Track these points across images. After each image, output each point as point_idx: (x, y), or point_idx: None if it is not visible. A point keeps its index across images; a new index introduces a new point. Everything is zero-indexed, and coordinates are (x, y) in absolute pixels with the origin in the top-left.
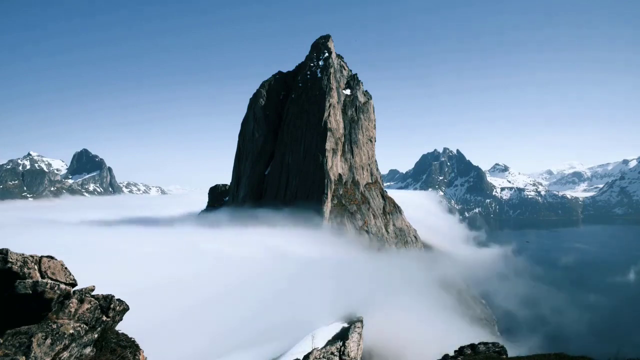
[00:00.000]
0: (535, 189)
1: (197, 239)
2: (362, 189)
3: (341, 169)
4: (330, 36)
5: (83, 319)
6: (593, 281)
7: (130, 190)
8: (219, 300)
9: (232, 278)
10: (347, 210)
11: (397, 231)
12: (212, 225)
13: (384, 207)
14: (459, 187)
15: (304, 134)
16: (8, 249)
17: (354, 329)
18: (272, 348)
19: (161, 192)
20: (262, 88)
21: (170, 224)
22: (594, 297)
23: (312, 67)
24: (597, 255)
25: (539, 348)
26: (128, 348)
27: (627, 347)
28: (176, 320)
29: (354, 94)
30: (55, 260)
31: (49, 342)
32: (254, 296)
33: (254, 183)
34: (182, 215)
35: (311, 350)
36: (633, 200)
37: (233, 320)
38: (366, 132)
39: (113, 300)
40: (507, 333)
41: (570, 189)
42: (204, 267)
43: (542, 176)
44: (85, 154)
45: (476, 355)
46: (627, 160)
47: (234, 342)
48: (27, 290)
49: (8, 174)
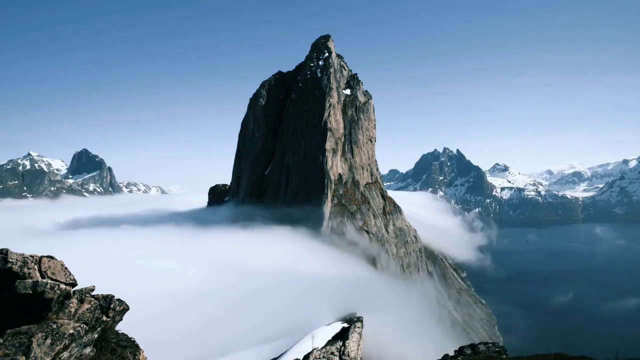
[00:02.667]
0: (535, 189)
1: (196, 240)
2: (362, 189)
3: (341, 169)
4: (330, 36)
5: (83, 319)
6: (593, 281)
7: (130, 190)
8: (219, 300)
9: (231, 279)
10: (347, 210)
11: (397, 231)
12: (212, 226)
13: (384, 207)
14: (459, 187)
15: (304, 134)
16: (8, 249)
17: (354, 329)
18: (272, 348)
19: (161, 192)
20: (262, 88)
21: (170, 225)
22: (594, 297)
23: (312, 67)
24: (597, 255)
25: (539, 348)
26: (128, 348)
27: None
28: (176, 320)
29: (354, 94)
30: (55, 260)
31: (49, 342)
32: (254, 297)
33: (254, 183)
34: (182, 215)
35: (311, 350)
36: (633, 200)
37: (233, 320)
38: (366, 132)
39: (113, 300)
40: (507, 333)
41: (570, 189)
42: (204, 267)
43: (542, 176)
44: (85, 154)
45: (476, 355)
46: (627, 160)
47: (234, 342)
48: (27, 290)
49: (8, 174)
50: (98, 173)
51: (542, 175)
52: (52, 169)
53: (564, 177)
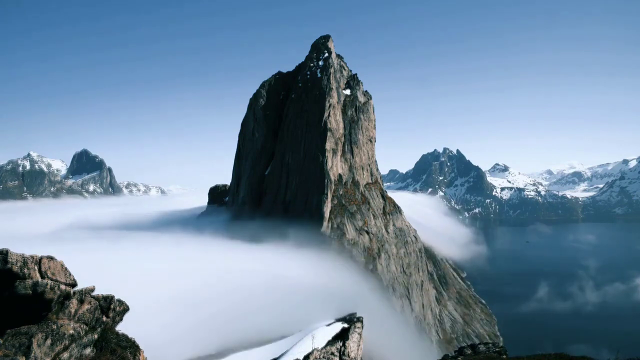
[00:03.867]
0: (535, 189)
1: (196, 241)
2: (362, 189)
3: (341, 169)
4: (330, 36)
5: (83, 320)
6: (593, 281)
7: (130, 190)
8: (219, 301)
9: (231, 280)
10: (347, 210)
11: (397, 231)
12: (212, 226)
13: (384, 207)
14: (459, 187)
15: (304, 134)
16: (8, 249)
17: (354, 329)
18: (272, 348)
19: (161, 192)
20: (262, 88)
21: (170, 225)
22: (594, 297)
23: (312, 67)
24: (597, 255)
25: (539, 348)
26: (128, 348)
27: (627, 347)
28: (176, 320)
29: (354, 94)
30: (56, 261)
31: (49, 343)
32: (254, 298)
33: (253, 183)
34: (182, 215)
35: (311, 350)
36: (633, 200)
37: (233, 320)
38: (366, 132)
39: (113, 301)
40: (507, 333)
41: (570, 189)
42: (204, 268)
43: (542, 176)
44: (85, 154)
45: (476, 355)
46: (627, 160)
47: (234, 342)
48: (27, 291)
49: (8, 174)
50: (98, 173)
51: (542, 175)
52: (52, 169)
53: (564, 177)
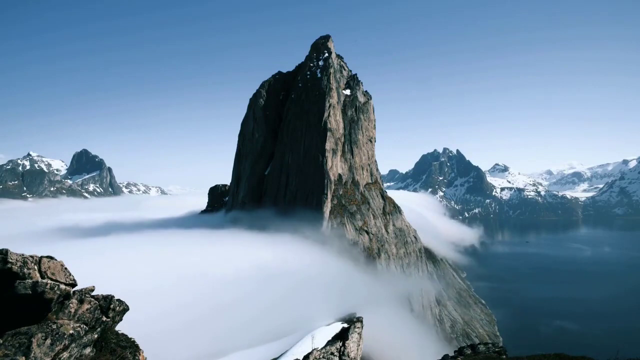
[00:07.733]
0: (535, 189)
1: (195, 242)
2: (362, 189)
3: (341, 169)
4: (330, 36)
5: (83, 319)
6: (593, 281)
7: (130, 190)
8: (219, 301)
9: (231, 280)
10: (347, 210)
11: (397, 231)
12: (212, 227)
13: (383, 207)
14: (459, 188)
15: (304, 134)
16: (8, 249)
17: (354, 329)
18: (272, 348)
19: (161, 192)
20: (262, 88)
21: (169, 226)
22: (594, 297)
23: (312, 67)
24: (597, 255)
25: (539, 348)
26: (128, 348)
27: (627, 347)
28: (176, 321)
29: (354, 94)
30: (55, 261)
31: (48, 343)
32: (254, 298)
33: (253, 183)
34: (182, 216)
35: (311, 350)
36: (633, 200)
37: (233, 321)
38: (366, 132)
39: (113, 301)
40: (507, 333)
41: (570, 189)
42: (204, 269)
43: (542, 176)
44: (85, 154)
45: (476, 355)
46: (627, 160)
47: (235, 342)
48: (26, 291)
49: (8, 174)
50: (98, 173)
51: (542, 176)
52: (52, 169)
53: (564, 177)
